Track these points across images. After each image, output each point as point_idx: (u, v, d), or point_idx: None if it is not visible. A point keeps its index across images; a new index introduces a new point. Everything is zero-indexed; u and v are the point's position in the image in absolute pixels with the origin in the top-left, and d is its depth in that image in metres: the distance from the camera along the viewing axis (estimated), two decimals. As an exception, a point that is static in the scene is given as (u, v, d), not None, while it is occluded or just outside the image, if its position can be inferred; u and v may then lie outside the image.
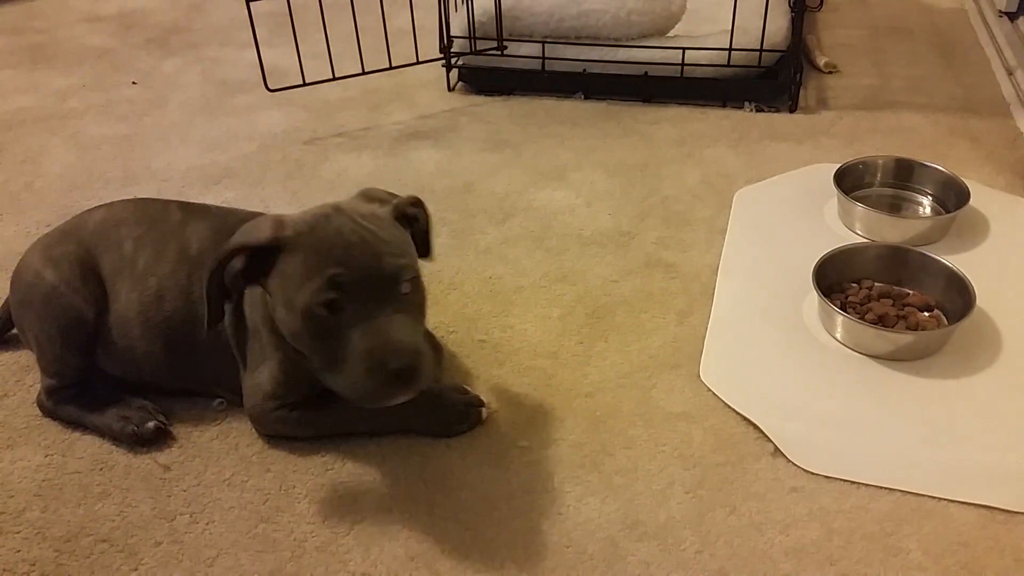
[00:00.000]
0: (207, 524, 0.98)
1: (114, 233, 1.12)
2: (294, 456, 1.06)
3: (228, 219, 1.11)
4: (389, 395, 0.90)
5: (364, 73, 1.82)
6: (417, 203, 1.02)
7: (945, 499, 0.97)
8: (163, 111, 1.91)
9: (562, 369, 1.17)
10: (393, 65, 1.83)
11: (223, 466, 1.05)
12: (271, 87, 1.77)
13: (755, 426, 1.06)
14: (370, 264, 0.90)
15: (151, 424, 1.08)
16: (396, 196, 1.01)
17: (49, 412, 1.12)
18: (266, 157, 1.70)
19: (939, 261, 1.24)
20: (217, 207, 1.17)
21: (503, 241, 1.43)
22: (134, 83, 2.04)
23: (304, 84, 1.78)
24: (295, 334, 0.94)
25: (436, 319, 1.26)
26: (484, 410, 1.09)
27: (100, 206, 1.18)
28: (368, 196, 1.00)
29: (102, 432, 1.10)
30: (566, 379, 1.15)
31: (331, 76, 1.79)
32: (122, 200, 1.19)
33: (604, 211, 1.50)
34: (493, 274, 1.35)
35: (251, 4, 1.62)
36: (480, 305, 1.29)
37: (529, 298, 1.30)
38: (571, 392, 1.13)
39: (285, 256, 0.92)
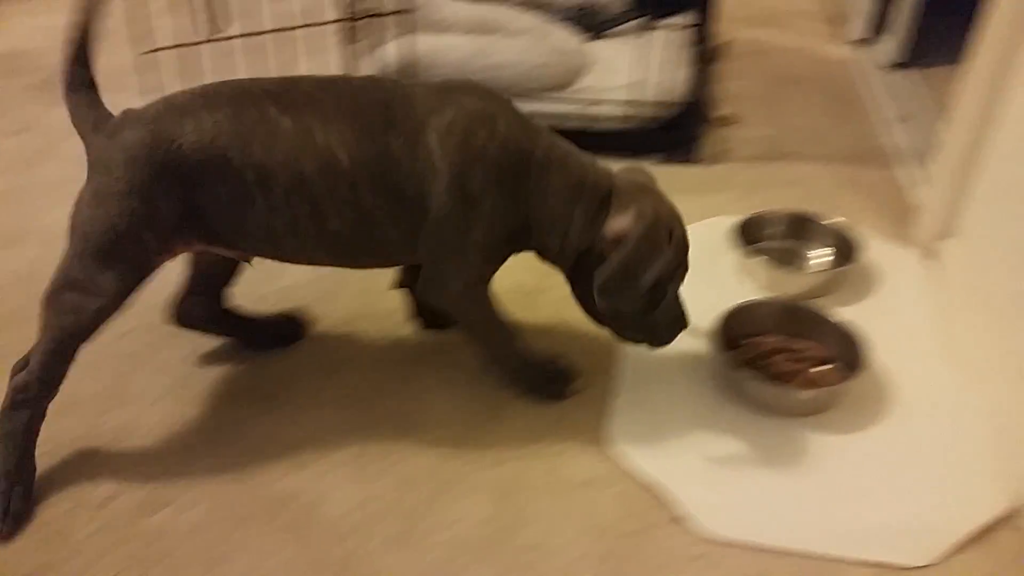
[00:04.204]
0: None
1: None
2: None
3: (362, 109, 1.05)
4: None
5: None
6: None
7: (843, 559, 0.98)
8: (51, 162, 1.82)
9: (468, 439, 1.15)
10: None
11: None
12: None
13: (661, 490, 1.06)
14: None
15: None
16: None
17: None
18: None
19: (835, 315, 1.27)
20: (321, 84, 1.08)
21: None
22: (19, 132, 1.94)
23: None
24: (627, 302, 1.08)
25: (336, 391, 1.22)
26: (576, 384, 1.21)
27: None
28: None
29: None
30: (472, 450, 1.13)
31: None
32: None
33: (510, 266, 1.48)
34: (400, 337, 1.33)
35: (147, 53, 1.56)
36: (384, 372, 1.26)
37: (434, 364, 1.28)
38: (477, 464, 1.11)
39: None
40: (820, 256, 1.51)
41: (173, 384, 1.23)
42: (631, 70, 1.77)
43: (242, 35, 1.69)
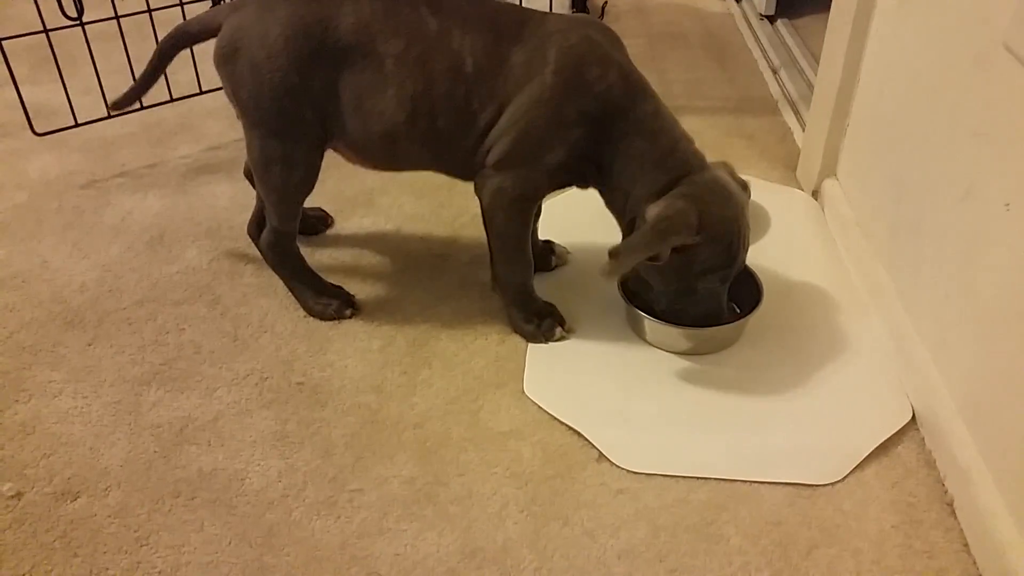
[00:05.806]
0: None
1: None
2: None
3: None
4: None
5: (143, 108, 1.70)
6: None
7: (755, 482, 1.04)
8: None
9: (388, 403, 1.15)
10: (174, 97, 1.73)
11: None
12: (38, 131, 1.61)
13: (580, 434, 1.09)
14: (742, 264, 1.16)
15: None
16: (742, 180, 1.19)
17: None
18: (40, 207, 1.55)
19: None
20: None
21: (314, 275, 1.39)
22: None
23: (76, 125, 1.64)
24: (669, 282, 1.15)
25: (248, 365, 1.20)
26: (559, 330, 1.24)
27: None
28: (731, 172, 1.17)
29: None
30: (392, 412, 1.14)
31: (106, 114, 1.67)
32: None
33: (415, 235, 1.49)
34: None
35: (5, 41, 1.47)
36: (296, 346, 1.24)
37: (347, 332, 1.27)
38: (399, 425, 1.12)
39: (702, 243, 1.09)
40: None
41: (74, 374, 1.18)
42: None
43: (117, 16, 1.61)
